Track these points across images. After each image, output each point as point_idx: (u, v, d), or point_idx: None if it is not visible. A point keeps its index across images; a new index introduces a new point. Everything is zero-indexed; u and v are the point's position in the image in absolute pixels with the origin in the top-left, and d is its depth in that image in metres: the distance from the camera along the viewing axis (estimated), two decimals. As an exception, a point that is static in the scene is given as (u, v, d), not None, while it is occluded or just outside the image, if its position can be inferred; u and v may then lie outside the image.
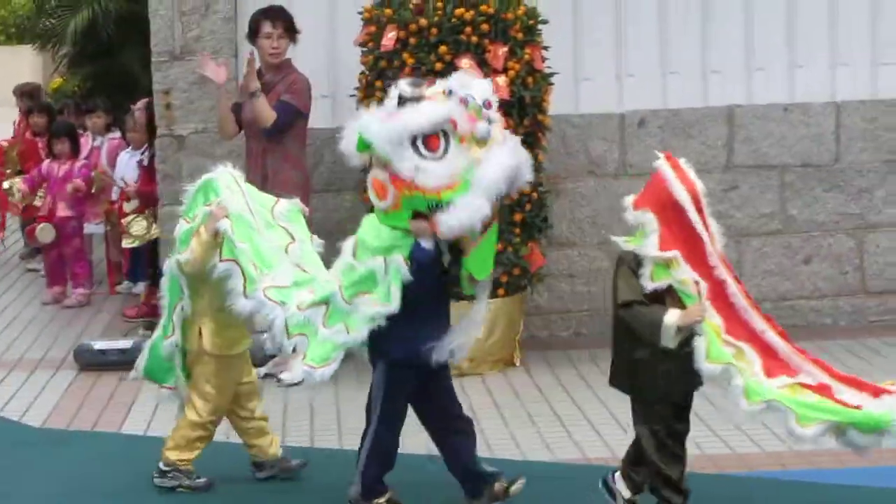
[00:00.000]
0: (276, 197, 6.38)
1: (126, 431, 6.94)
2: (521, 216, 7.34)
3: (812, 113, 8.50)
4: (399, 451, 5.95)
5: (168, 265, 6.24)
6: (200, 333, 6.19)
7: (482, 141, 5.70)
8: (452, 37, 7.28)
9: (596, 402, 6.87)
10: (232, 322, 6.19)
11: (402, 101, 5.71)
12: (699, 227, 5.43)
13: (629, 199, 5.49)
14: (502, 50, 7.30)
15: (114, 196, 9.45)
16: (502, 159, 5.72)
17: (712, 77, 8.63)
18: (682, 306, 5.31)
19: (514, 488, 5.95)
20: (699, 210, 5.45)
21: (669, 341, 5.42)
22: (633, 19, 8.42)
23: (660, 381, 5.64)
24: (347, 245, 5.89)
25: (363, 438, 6.05)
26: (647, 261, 5.37)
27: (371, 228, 5.87)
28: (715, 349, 5.41)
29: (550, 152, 7.84)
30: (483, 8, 7.28)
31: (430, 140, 5.64)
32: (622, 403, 5.72)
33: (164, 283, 6.26)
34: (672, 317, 5.38)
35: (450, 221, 5.67)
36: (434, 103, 5.66)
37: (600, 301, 7.43)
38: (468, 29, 7.23)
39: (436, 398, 6.04)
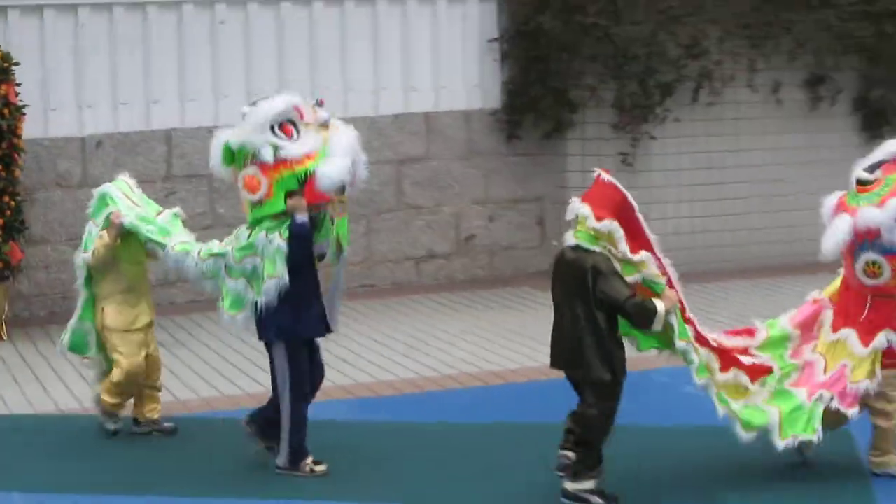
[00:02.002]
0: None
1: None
2: (2, 220, 8.86)
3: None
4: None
5: (78, 260, 7.18)
6: (103, 312, 7.15)
7: (325, 125, 6.63)
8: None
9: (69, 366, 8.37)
10: (131, 303, 7.19)
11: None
12: (644, 224, 6.25)
13: (584, 208, 6.05)
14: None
15: None
16: (349, 133, 6.72)
17: (153, 106, 10.33)
18: (654, 296, 6.08)
19: None
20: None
21: (660, 325, 6.16)
22: (91, 60, 10.01)
23: (618, 364, 6.32)
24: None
25: (280, 414, 6.71)
26: (620, 263, 6.05)
27: (236, 240, 6.68)
28: (682, 328, 6.30)
29: (26, 169, 9.45)
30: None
31: (284, 127, 6.50)
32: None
33: (80, 276, 7.21)
34: (661, 305, 6.13)
35: (324, 179, 6.43)
36: (276, 98, 6.67)
37: (70, 286, 8.49)
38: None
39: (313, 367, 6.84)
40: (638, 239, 6.18)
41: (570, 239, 6.15)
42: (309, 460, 6.77)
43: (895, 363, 6.69)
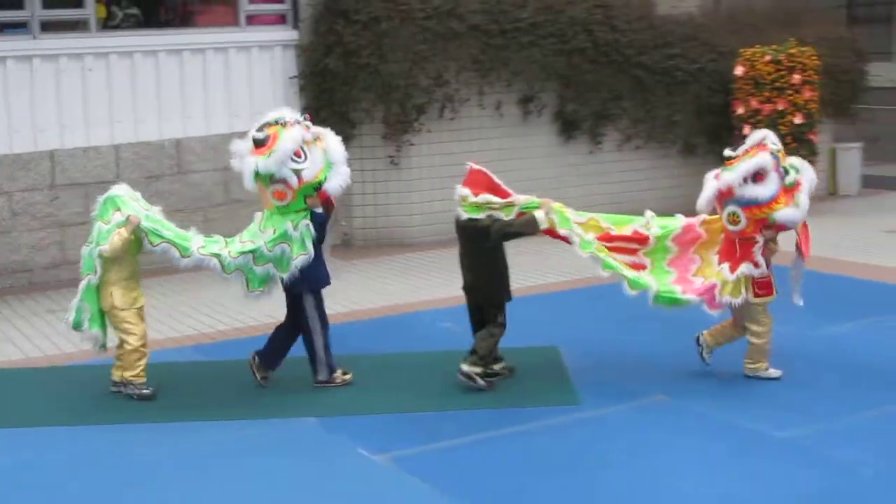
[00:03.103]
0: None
1: None
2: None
3: None
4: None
5: (85, 252, 7.56)
6: (112, 295, 7.53)
7: (318, 138, 7.59)
8: None
9: None
10: (132, 287, 7.61)
11: (256, 142, 7.42)
12: (507, 189, 7.56)
13: (463, 191, 7.47)
14: None
15: None
16: (336, 141, 7.68)
17: (39, 133, 11.71)
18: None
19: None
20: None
21: (544, 224, 7.31)
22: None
23: (508, 290, 7.67)
24: (257, 237, 7.52)
25: (311, 345, 7.76)
26: (502, 210, 7.36)
27: (273, 222, 7.50)
28: (564, 220, 7.45)
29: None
30: None
31: (297, 153, 7.39)
32: None
33: (81, 265, 7.60)
34: (538, 212, 7.34)
35: (334, 186, 7.50)
36: (289, 131, 7.39)
37: None
38: None
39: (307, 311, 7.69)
40: (506, 196, 7.58)
41: (462, 213, 7.58)
42: (339, 372, 7.92)
43: (765, 294, 7.73)
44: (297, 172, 7.42)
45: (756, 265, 7.55)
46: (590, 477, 6.48)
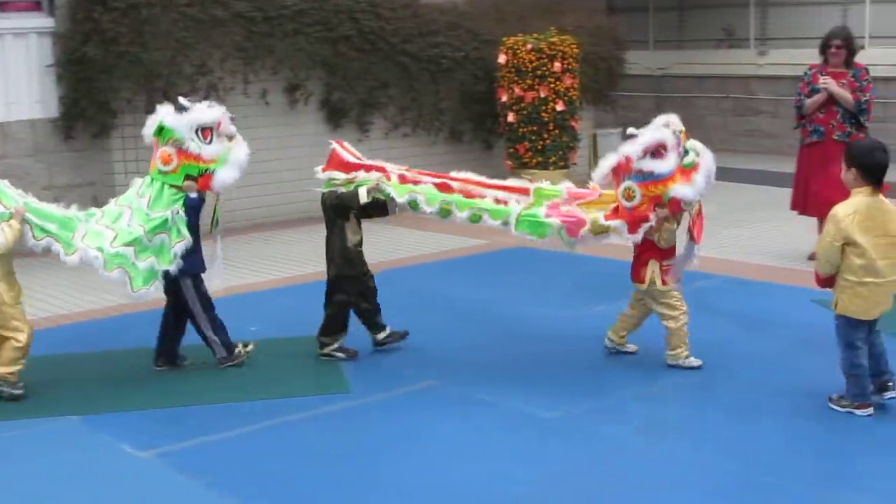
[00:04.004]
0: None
1: None
2: None
3: None
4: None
5: None
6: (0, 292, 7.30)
7: (231, 137, 7.81)
8: None
9: None
10: (14, 280, 7.45)
11: (178, 108, 7.61)
12: (364, 160, 8.01)
13: (318, 168, 7.94)
14: None
15: None
16: (243, 148, 7.87)
17: None
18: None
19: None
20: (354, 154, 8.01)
21: (363, 198, 7.73)
22: None
23: (345, 266, 8.03)
24: (134, 202, 7.56)
25: (199, 329, 7.90)
26: (345, 185, 7.74)
27: (156, 192, 7.54)
28: (401, 189, 7.79)
29: None
30: None
31: (204, 132, 7.60)
32: None
33: None
34: (363, 189, 7.76)
35: (219, 180, 7.69)
36: (211, 109, 7.70)
37: None
38: None
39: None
40: (357, 168, 7.97)
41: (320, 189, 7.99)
42: (240, 346, 8.10)
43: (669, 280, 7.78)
44: (198, 147, 7.60)
45: (636, 234, 7.64)
46: (359, 464, 6.52)
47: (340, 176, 7.93)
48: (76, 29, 12.71)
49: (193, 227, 7.74)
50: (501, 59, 15.32)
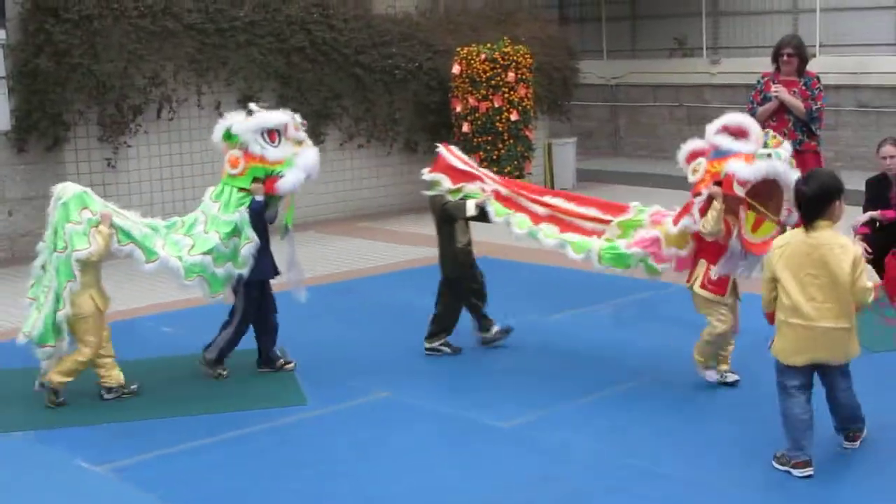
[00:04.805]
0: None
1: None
2: None
3: None
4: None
5: (56, 259, 7.33)
6: (93, 298, 7.48)
7: (298, 142, 7.92)
8: None
9: None
10: (103, 290, 7.62)
11: (248, 113, 7.79)
12: (475, 170, 8.11)
13: (426, 170, 8.09)
14: None
15: None
16: (313, 153, 7.94)
17: None
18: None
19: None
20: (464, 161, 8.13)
21: (472, 211, 7.91)
22: None
23: (458, 267, 8.27)
24: (209, 208, 7.70)
25: (223, 328, 7.93)
26: (450, 193, 7.92)
27: (226, 196, 7.68)
28: (499, 209, 7.91)
29: None
30: None
31: (271, 135, 7.78)
32: None
33: (50, 273, 7.38)
34: (470, 202, 7.92)
35: (285, 183, 7.75)
36: (275, 112, 7.86)
37: None
38: None
39: (268, 300, 8.02)
40: (468, 178, 8.10)
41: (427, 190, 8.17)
42: (220, 368, 8.11)
43: (714, 290, 7.44)
44: (261, 149, 7.70)
45: (693, 219, 7.27)
46: (314, 476, 6.52)
47: (446, 181, 8.08)
48: (28, 41, 12.71)
49: (259, 231, 7.84)
50: (455, 69, 15.40)
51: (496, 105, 15.22)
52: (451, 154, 8.22)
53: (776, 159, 7.02)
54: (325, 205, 14.33)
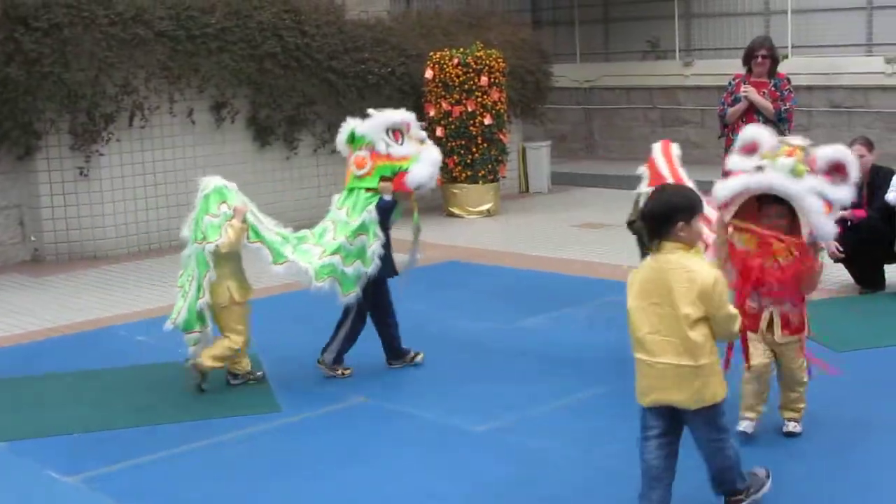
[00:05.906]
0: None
1: None
2: None
3: None
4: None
5: (195, 250, 7.58)
6: (229, 289, 7.70)
7: (422, 141, 8.04)
8: None
9: None
10: (244, 281, 7.82)
11: (366, 117, 7.88)
12: (677, 170, 7.40)
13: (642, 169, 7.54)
14: None
15: None
16: (436, 150, 8.07)
17: None
18: None
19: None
20: (670, 163, 7.42)
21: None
22: None
23: None
24: (336, 216, 7.80)
25: (338, 326, 7.98)
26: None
27: (353, 200, 7.78)
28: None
29: None
30: None
31: (395, 133, 7.91)
32: None
33: (192, 263, 7.60)
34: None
35: (414, 177, 7.81)
36: (400, 112, 8.01)
37: None
38: None
39: (387, 297, 8.10)
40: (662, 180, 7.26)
41: None
42: (342, 367, 8.14)
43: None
44: (387, 146, 7.79)
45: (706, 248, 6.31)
46: (289, 484, 6.47)
47: (646, 180, 7.66)
48: (-3, 50, 12.72)
49: (386, 230, 7.90)
50: (428, 73, 15.43)
51: (469, 109, 15.27)
52: (660, 153, 7.64)
53: (771, 171, 6.09)
54: (299, 210, 14.32)
